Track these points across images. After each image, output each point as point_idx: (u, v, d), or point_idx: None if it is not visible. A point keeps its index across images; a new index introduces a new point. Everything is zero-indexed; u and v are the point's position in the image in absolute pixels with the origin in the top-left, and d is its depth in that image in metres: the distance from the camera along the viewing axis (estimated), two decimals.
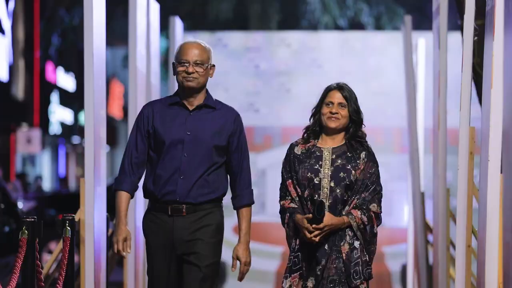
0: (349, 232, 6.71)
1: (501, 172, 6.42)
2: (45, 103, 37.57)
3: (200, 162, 6.85)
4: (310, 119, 6.92)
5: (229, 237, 10.02)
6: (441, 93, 9.08)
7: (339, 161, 6.75)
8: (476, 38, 8.59)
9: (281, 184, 6.93)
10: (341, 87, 6.90)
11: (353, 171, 6.71)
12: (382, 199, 13.96)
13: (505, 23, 6.25)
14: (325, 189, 6.69)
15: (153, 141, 6.94)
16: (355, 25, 24.61)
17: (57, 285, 7.07)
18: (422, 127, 11.48)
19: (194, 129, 6.87)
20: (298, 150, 6.84)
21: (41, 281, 6.97)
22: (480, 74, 8.76)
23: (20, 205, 18.04)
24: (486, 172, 6.57)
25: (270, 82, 15.56)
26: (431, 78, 10.03)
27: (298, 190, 6.78)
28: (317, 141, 6.85)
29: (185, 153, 6.84)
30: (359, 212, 6.67)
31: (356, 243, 6.71)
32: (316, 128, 6.86)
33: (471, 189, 7.44)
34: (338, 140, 6.85)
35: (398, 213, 15.07)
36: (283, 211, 6.85)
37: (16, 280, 6.25)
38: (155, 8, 11.18)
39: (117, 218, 6.86)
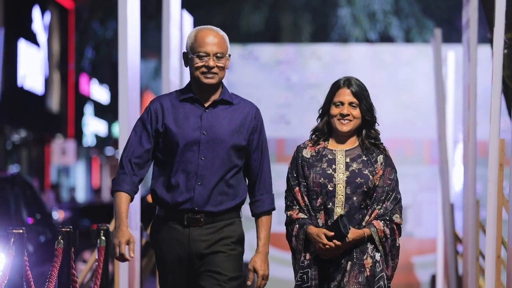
0: (369, 245, 6.08)
1: None
2: (80, 115, 38.32)
3: (219, 165, 6.02)
4: (317, 120, 6.25)
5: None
6: (471, 105, 8.94)
7: (354, 165, 6.07)
8: (506, 51, 8.59)
9: (286, 192, 6.23)
10: (350, 83, 6.18)
11: (370, 176, 6.05)
12: (412, 210, 14.04)
13: None
14: (340, 196, 6.01)
15: (163, 141, 6.12)
16: (385, 38, 24.51)
17: None
18: (452, 139, 11.46)
19: (211, 128, 6.03)
20: (307, 153, 6.15)
21: None
22: (509, 87, 8.90)
23: (55, 215, 18.25)
24: None
25: (301, 95, 15.58)
26: (460, 90, 10.05)
27: (306, 198, 6.12)
28: (328, 143, 6.18)
29: (202, 156, 6.00)
30: (381, 224, 6.04)
31: (377, 256, 6.08)
32: (325, 129, 6.18)
33: (501, 200, 7.31)
34: (351, 142, 6.18)
35: (427, 223, 15.00)
36: (290, 222, 6.15)
37: None
38: (188, 20, 11.28)
39: (117, 220, 6.03)
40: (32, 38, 31.44)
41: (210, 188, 5.97)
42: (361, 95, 6.12)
